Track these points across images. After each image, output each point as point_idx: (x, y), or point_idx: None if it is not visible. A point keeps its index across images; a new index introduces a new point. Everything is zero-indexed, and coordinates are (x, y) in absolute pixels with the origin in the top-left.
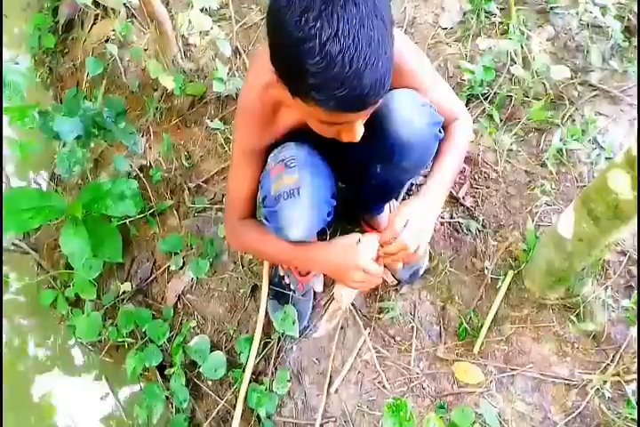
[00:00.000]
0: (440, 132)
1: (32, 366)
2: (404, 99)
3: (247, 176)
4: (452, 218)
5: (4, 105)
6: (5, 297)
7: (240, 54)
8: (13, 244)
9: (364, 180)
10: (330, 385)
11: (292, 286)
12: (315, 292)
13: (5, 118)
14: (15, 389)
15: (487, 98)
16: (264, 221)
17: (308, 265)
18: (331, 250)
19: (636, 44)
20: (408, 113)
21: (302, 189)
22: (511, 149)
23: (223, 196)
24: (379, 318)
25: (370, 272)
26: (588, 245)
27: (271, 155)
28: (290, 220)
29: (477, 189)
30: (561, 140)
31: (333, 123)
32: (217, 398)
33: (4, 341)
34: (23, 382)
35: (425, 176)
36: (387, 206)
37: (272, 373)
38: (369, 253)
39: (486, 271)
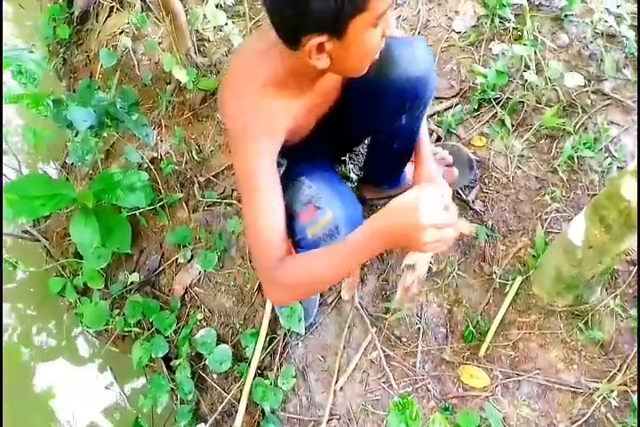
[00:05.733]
0: None
1: (38, 354)
2: (398, 41)
3: (274, 207)
4: None
5: (19, 92)
6: (13, 284)
7: None
8: (24, 231)
9: (383, 149)
10: (335, 383)
11: None
12: None
13: (16, 107)
14: (20, 376)
15: (499, 102)
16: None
17: (373, 243)
18: (390, 216)
19: None
20: (411, 50)
21: (340, 228)
22: (522, 155)
23: (232, 191)
24: (385, 319)
25: (442, 226)
26: (599, 253)
27: (287, 197)
28: None
29: (487, 193)
30: (573, 147)
31: (382, 15)
32: (222, 391)
33: (10, 327)
34: (28, 370)
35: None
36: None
37: (277, 368)
38: (433, 207)
39: (494, 276)
